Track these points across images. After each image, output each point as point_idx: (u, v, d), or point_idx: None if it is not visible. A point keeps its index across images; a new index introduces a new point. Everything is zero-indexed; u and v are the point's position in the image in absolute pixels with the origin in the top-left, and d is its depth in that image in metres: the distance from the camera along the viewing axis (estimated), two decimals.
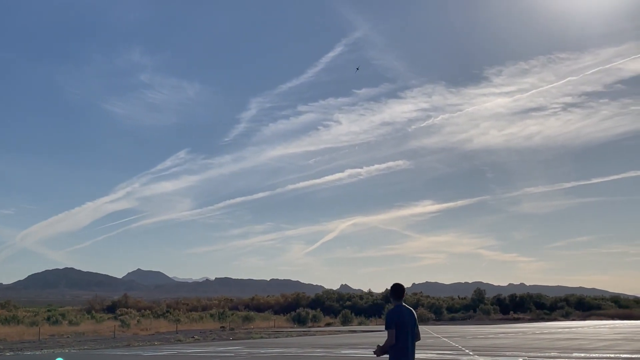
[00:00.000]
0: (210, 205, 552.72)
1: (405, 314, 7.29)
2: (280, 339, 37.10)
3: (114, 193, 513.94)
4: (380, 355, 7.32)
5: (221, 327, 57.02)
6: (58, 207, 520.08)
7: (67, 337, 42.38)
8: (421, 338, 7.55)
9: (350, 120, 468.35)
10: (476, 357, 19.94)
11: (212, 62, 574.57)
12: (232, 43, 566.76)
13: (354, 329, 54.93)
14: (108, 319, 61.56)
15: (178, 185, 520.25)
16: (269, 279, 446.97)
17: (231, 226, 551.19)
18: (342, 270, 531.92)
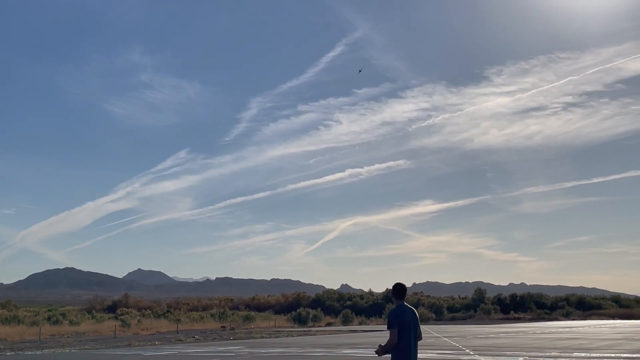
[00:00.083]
0: (211, 205, 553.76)
1: (407, 314, 7.27)
2: (281, 339, 37.09)
3: (114, 193, 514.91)
4: (382, 355, 7.28)
5: (222, 327, 57.00)
6: (58, 207, 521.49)
7: (68, 337, 42.39)
8: (422, 338, 7.53)
9: (351, 120, 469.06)
10: (477, 357, 19.92)
11: (213, 62, 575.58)
12: (232, 43, 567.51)
13: (354, 328, 54.91)
14: (109, 318, 61.55)
15: (178, 185, 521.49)
16: (269, 279, 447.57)
17: (232, 226, 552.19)
18: (343, 270, 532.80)
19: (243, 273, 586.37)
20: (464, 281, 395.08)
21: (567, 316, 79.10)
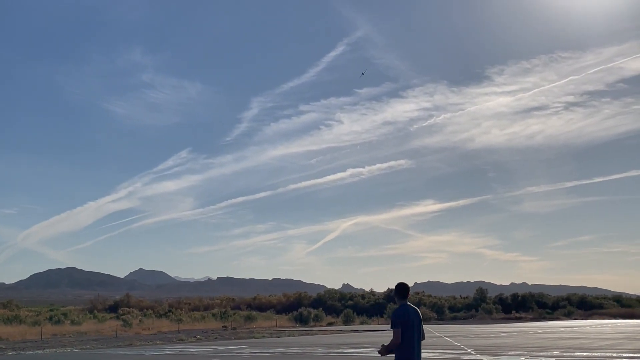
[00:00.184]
0: (212, 205, 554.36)
1: (410, 313, 7.26)
2: (282, 339, 37.11)
3: (115, 193, 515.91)
4: (385, 355, 7.25)
5: (223, 327, 57.02)
6: (60, 207, 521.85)
7: (69, 336, 42.44)
8: (425, 337, 7.52)
9: (352, 119, 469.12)
10: (478, 357, 19.93)
11: (214, 62, 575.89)
12: (233, 43, 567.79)
13: (355, 328, 54.90)
14: (110, 318, 61.56)
15: (180, 185, 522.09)
16: (270, 279, 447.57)
17: (233, 226, 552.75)
18: (344, 269, 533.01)
19: (244, 273, 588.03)
20: (465, 281, 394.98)
21: (569, 316, 79.08)
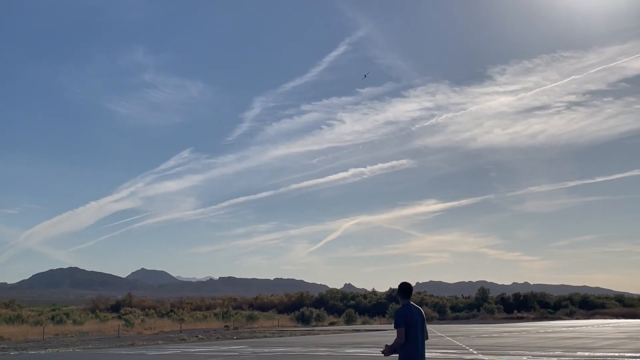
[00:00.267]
0: (214, 205, 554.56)
1: (414, 313, 7.22)
2: (284, 338, 37.11)
3: (117, 193, 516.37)
4: (389, 355, 7.18)
5: (225, 327, 57.06)
6: (62, 207, 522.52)
7: (71, 336, 42.51)
8: (429, 337, 7.48)
9: (354, 119, 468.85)
10: (480, 356, 19.91)
11: (215, 62, 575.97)
12: (235, 42, 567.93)
13: (357, 328, 54.88)
14: (112, 318, 61.63)
15: (182, 185, 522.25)
16: (272, 278, 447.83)
17: (235, 225, 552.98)
18: (346, 269, 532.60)
19: (246, 272, 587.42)
20: (467, 280, 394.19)
21: (571, 315, 78.97)
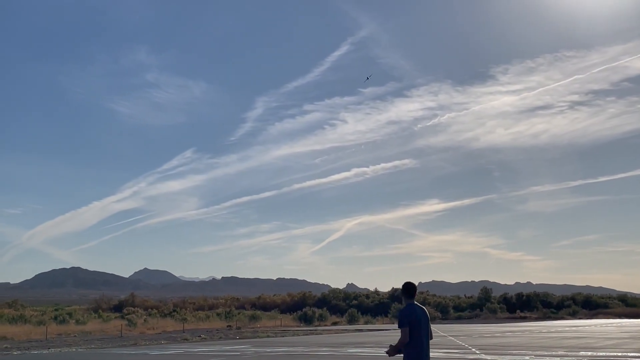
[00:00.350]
0: (217, 205, 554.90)
1: (418, 312, 7.19)
2: (287, 338, 37.13)
3: (120, 192, 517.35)
4: (394, 355, 7.12)
5: (228, 326, 57.14)
6: (65, 207, 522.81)
7: (74, 336, 42.60)
8: (433, 337, 7.45)
9: (357, 119, 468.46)
10: (483, 356, 19.90)
11: (218, 61, 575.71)
12: (237, 42, 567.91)
13: (360, 328, 54.93)
14: (115, 318, 61.75)
15: (184, 185, 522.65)
16: (275, 278, 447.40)
17: (237, 225, 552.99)
18: (349, 269, 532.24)
19: (249, 272, 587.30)
20: (469, 280, 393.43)
21: (574, 315, 78.91)
